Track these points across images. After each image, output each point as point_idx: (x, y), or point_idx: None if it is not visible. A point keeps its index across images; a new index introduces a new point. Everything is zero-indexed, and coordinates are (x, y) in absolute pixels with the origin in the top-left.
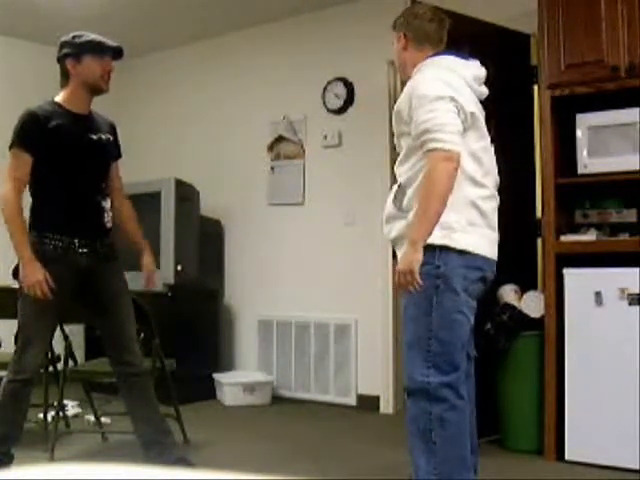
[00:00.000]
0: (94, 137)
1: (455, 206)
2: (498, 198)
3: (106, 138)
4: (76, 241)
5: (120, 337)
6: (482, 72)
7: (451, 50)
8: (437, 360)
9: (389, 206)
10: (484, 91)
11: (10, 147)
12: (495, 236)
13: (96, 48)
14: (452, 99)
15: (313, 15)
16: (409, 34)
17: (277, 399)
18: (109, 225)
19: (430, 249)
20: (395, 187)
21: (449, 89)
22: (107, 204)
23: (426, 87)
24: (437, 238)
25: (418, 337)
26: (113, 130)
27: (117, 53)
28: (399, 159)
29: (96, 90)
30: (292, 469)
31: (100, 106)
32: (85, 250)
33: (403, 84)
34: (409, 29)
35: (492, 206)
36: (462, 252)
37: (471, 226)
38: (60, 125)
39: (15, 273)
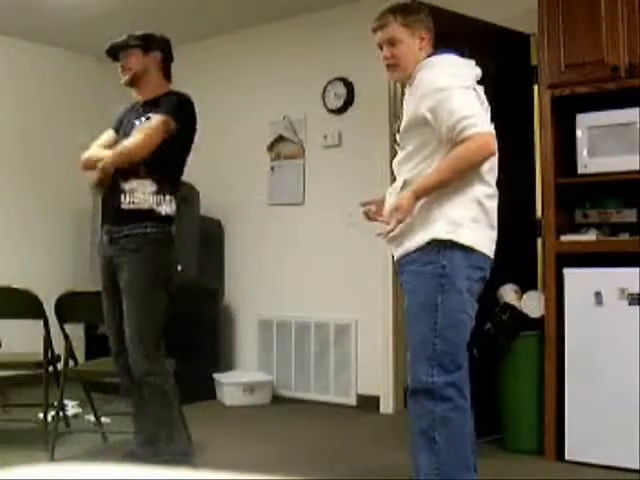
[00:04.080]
0: (136, 122)
1: (461, 202)
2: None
3: (146, 118)
4: (103, 229)
5: (120, 336)
6: (478, 71)
7: (450, 50)
8: (442, 359)
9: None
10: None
11: None
12: (494, 235)
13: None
14: (474, 89)
15: (313, 15)
16: (428, 33)
17: (277, 399)
18: (125, 207)
19: (435, 246)
20: (398, 184)
21: (465, 82)
22: (127, 185)
23: (446, 81)
24: (443, 233)
25: (423, 337)
26: (167, 104)
27: (108, 54)
28: (401, 157)
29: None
30: (292, 469)
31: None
32: (105, 237)
33: (403, 85)
34: (427, 28)
35: (494, 205)
36: (466, 250)
37: (475, 223)
38: (122, 113)
39: None
